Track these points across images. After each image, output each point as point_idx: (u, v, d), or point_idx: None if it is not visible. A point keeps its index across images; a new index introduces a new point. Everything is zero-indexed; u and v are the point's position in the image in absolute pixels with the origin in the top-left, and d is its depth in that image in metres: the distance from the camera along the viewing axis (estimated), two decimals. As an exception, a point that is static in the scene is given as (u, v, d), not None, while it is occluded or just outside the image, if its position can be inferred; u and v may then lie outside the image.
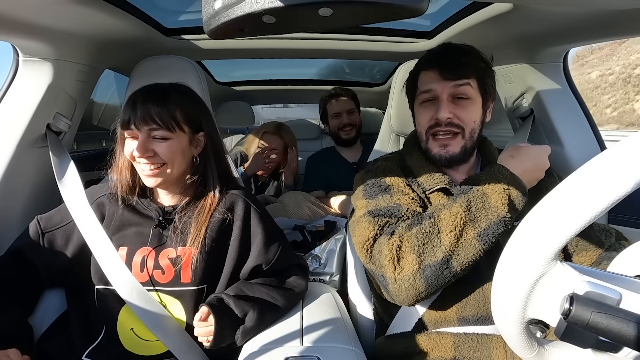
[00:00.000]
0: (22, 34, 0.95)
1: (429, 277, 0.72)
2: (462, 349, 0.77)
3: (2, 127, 1.07)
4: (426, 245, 0.73)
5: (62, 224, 0.93)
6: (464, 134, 0.85)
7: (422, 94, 0.88)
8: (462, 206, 0.74)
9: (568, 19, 0.99)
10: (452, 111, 0.84)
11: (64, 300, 0.97)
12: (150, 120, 0.84)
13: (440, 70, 0.84)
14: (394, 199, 0.84)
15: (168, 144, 0.86)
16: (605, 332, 0.37)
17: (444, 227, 0.73)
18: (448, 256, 0.72)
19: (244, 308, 0.85)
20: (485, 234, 0.72)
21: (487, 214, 0.72)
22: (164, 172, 0.88)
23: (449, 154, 0.86)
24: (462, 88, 0.84)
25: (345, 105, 1.98)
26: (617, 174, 0.37)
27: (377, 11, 0.48)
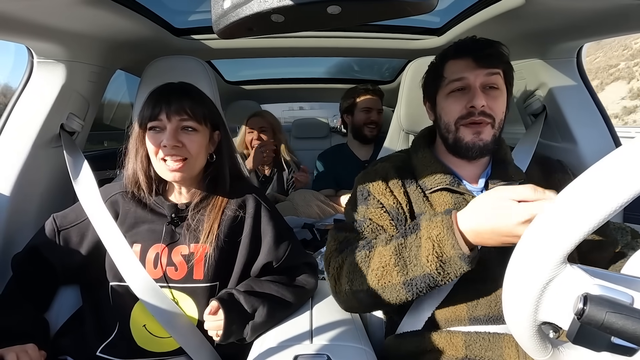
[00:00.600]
0: (36, 36, 0.97)
1: (362, 299, 0.77)
2: (473, 348, 0.77)
3: (18, 127, 1.09)
4: (356, 274, 0.77)
5: (77, 221, 0.95)
6: (494, 124, 0.84)
7: (453, 82, 0.85)
8: (392, 250, 0.73)
9: (581, 13, 0.97)
10: (486, 101, 0.82)
11: (79, 297, 0.99)
12: (182, 110, 0.87)
13: (474, 58, 0.83)
14: (367, 212, 0.86)
15: (196, 137, 0.89)
16: (620, 332, 0.37)
17: (372, 264, 0.75)
18: (373, 291, 0.74)
19: (253, 304, 0.85)
20: (411, 284, 0.70)
21: (415, 264, 0.70)
22: (187, 167, 0.89)
23: (482, 142, 0.84)
24: (494, 77, 0.83)
25: (377, 104, 1.98)
26: (630, 172, 0.36)
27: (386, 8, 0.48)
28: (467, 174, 0.90)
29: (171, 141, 0.85)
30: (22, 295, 0.90)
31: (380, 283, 0.73)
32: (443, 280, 0.68)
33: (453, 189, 0.84)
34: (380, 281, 0.73)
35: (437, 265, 0.67)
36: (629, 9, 0.88)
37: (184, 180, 0.92)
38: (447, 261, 0.67)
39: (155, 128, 0.87)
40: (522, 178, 0.88)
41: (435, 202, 0.85)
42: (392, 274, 0.72)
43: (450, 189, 0.85)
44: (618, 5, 0.88)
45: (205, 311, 0.85)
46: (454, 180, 0.85)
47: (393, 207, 0.85)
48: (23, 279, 0.92)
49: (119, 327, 0.89)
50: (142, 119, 0.88)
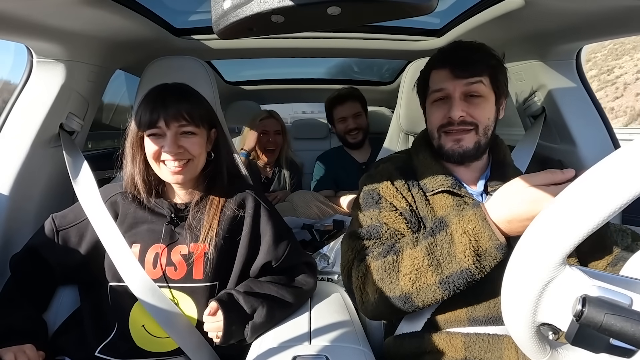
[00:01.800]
0: (35, 36, 0.97)
1: (392, 306, 0.75)
2: (473, 350, 0.77)
3: (17, 127, 1.09)
4: (385, 281, 0.75)
5: (76, 221, 0.95)
6: (478, 130, 0.84)
7: (434, 93, 0.87)
8: (423, 251, 0.72)
9: (581, 15, 0.97)
10: (465, 109, 0.83)
11: (77, 297, 0.99)
12: (181, 117, 0.86)
13: (452, 69, 0.83)
14: (381, 216, 0.84)
15: (196, 139, 0.89)
16: (618, 334, 0.37)
17: (403, 269, 0.74)
18: (406, 296, 0.73)
19: (252, 304, 0.86)
20: (448, 282, 0.70)
21: (450, 261, 0.70)
22: (190, 168, 0.90)
23: (462, 149, 0.84)
24: (474, 86, 0.83)
25: (351, 110, 1.95)
26: (628, 174, 0.36)
27: (386, 9, 0.48)
28: (466, 177, 0.90)
29: (172, 147, 0.85)
30: (20, 295, 0.90)
31: (415, 286, 0.72)
32: (480, 273, 0.69)
33: (454, 191, 0.84)
34: (414, 284, 0.72)
35: (474, 259, 0.67)
36: (628, 11, 0.88)
37: (185, 181, 0.92)
38: (484, 254, 0.67)
39: (154, 134, 0.87)
40: None
41: (436, 205, 0.85)
42: (427, 275, 0.71)
43: (452, 192, 0.85)
44: (617, 7, 0.88)
45: (205, 312, 0.84)
46: (455, 182, 0.85)
47: (406, 209, 0.85)
48: (21, 279, 0.92)
49: (117, 327, 0.89)
50: (140, 125, 0.88)
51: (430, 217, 0.84)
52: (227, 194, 0.95)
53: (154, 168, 0.90)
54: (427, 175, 0.88)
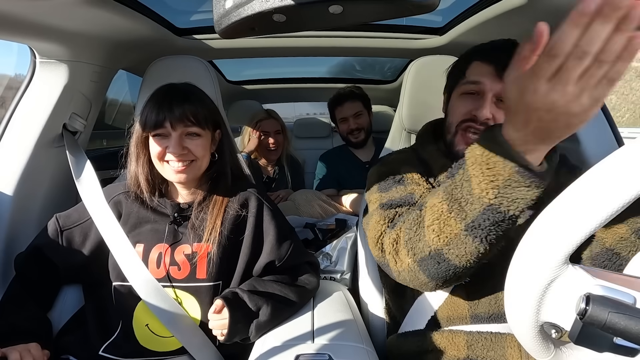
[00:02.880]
0: (38, 36, 0.97)
1: (428, 269, 0.66)
2: (475, 348, 0.77)
3: (21, 127, 1.09)
4: (413, 240, 0.67)
5: (80, 221, 0.95)
6: None
7: (468, 84, 0.83)
8: (442, 195, 0.63)
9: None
10: (493, 112, 0.79)
11: (81, 297, 1.00)
12: (186, 119, 0.86)
13: (497, 69, 0.79)
14: (408, 189, 0.81)
15: (200, 141, 0.90)
16: (623, 332, 0.37)
17: (427, 221, 0.65)
18: (438, 253, 0.64)
19: (257, 302, 0.86)
20: (474, 227, 0.58)
21: (471, 201, 0.58)
22: (193, 168, 0.90)
23: None
24: None
25: (351, 110, 1.94)
26: (632, 172, 0.36)
27: (388, 8, 0.48)
28: None
29: (177, 149, 0.86)
30: (26, 294, 0.91)
31: (442, 239, 0.63)
32: (511, 209, 0.55)
33: None
34: (440, 237, 0.63)
35: (494, 192, 0.54)
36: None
37: (188, 181, 0.92)
38: (504, 184, 0.53)
39: (159, 135, 0.88)
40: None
41: None
42: (450, 223, 0.61)
43: None
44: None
45: (210, 310, 0.85)
46: None
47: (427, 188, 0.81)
48: (26, 279, 0.93)
49: (121, 327, 0.90)
50: (145, 125, 0.88)
51: None
52: (230, 194, 0.96)
53: (157, 167, 0.91)
54: (436, 167, 0.86)
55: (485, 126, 0.79)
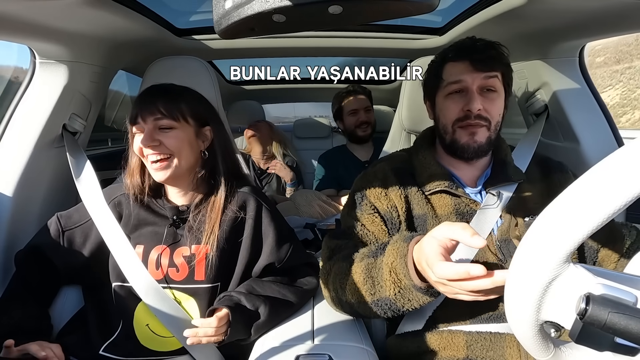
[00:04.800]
0: (38, 37, 0.98)
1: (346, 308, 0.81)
2: (474, 348, 0.77)
3: (20, 128, 1.09)
4: (337, 284, 0.79)
5: (81, 222, 0.95)
6: (490, 126, 0.85)
7: (451, 85, 0.86)
8: (363, 267, 0.74)
9: (584, 12, 0.96)
10: (482, 103, 0.83)
11: (81, 297, 0.99)
12: (155, 110, 0.86)
13: (472, 62, 0.83)
14: (362, 217, 0.87)
15: (174, 133, 0.88)
16: (623, 332, 0.36)
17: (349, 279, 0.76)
18: (351, 305, 0.77)
19: (255, 303, 0.86)
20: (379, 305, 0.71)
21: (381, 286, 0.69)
22: (172, 165, 0.88)
23: (477, 143, 0.84)
24: (491, 80, 0.83)
25: (363, 103, 1.97)
26: (633, 171, 0.36)
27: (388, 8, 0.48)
28: (466, 176, 0.90)
29: (147, 141, 0.86)
30: (27, 292, 0.91)
31: (354, 299, 0.75)
32: (405, 307, 0.68)
33: (451, 191, 0.84)
34: (353, 297, 0.75)
35: (396, 291, 0.67)
36: (630, 8, 0.88)
37: (174, 179, 0.91)
38: (405, 289, 0.66)
39: (137, 131, 0.88)
40: (521, 178, 0.88)
41: (436, 204, 0.85)
42: (363, 292, 0.73)
43: (449, 191, 0.85)
44: (620, 4, 0.87)
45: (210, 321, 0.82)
46: (452, 183, 0.85)
47: (387, 210, 0.85)
48: (27, 276, 0.93)
49: (122, 326, 0.90)
50: (128, 120, 0.90)
51: (430, 215, 0.84)
52: (228, 195, 0.94)
53: (147, 166, 0.91)
54: (424, 175, 0.88)
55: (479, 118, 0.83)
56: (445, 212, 0.84)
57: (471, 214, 0.84)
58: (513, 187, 0.87)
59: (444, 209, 0.84)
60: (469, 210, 0.84)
